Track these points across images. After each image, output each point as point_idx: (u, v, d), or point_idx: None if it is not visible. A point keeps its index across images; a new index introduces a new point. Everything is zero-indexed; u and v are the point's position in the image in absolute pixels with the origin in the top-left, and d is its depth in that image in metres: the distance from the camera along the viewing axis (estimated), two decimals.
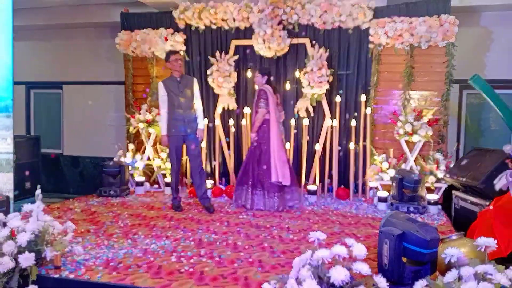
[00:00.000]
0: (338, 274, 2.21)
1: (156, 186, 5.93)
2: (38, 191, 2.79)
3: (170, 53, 4.69)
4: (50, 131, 7.61)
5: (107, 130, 7.35)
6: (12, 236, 2.70)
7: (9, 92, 4.33)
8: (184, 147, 4.82)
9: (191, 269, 2.84)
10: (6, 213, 2.92)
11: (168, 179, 5.67)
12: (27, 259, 2.56)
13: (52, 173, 7.32)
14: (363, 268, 2.26)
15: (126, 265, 2.87)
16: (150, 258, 3.03)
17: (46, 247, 2.71)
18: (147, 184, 5.80)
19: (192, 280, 2.66)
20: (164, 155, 5.85)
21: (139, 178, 5.69)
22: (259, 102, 4.66)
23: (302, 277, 2.29)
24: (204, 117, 5.14)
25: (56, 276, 2.67)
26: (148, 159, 5.92)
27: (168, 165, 5.80)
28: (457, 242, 2.71)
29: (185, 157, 5.39)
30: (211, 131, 5.91)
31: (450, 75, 5.29)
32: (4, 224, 2.80)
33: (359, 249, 2.31)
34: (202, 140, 4.49)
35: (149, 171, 5.95)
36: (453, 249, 2.29)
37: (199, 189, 4.66)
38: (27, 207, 2.79)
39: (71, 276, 2.67)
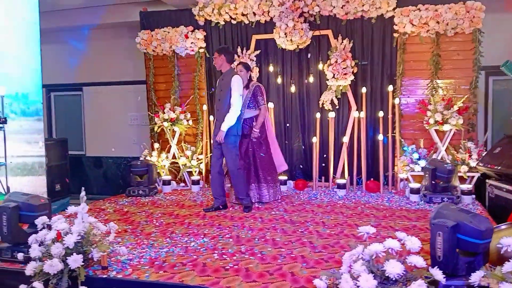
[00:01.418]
0: (394, 268, 2.18)
1: (182, 184, 5.94)
2: (83, 193, 2.79)
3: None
4: (72, 133, 7.67)
5: (128, 130, 7.39)
6: (57, 238, 2.71)
7: (38, 96, 4.38)
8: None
9: (235, 266, 2.82)
10: (48, 216, 2.92)
11: (195, 177, 5.68)
12: (75, 261, 2.57)
13: (76, 174, 7.39)
14: (418, 261, 2.22)
15: (171, 264, 2.86)
16: (193, 256, 3.02)
17: (92, 248, 2.72)
18: (173, 183, 5.80)
19: (239, 277, 2.64)
20: (189, 153, 5.85)
21: (166, 177, 5.70)
22: (260, 99, 4.67)
23: (356, 272, 2.26)
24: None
25: (105, 276, 2.67)
26: (174, 157, 5.93)
27: (194, 162, 5.82)
28: (508, 231, 2.66)
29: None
30: None
31: (478, 62, 5.19)
32: (49, 227, 2.81)
33: (413, 242, 2.28)
34: (219, 141, 4.35)
35: (175, 170, 5.96)
36: (510, 239, 2.24)
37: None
38: (71, 209, 2.79)
39: (119, 276, 2.68)
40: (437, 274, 2.20)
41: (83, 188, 2.83)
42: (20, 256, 2.85)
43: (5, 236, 2.96)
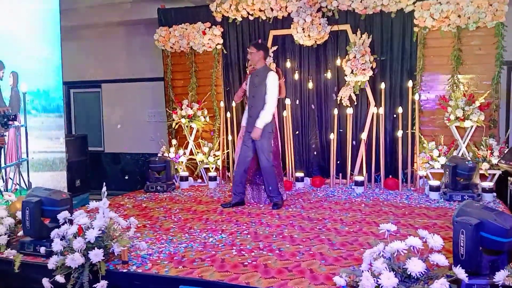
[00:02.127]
0: (415, 266, 2.15)
1: (199, 180, 5.97)
2: (104, 189, 2.83)
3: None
4: (91, 129, 7.77)
5: (146, 127, 7.46)
6: (79, 233, 2.75)
7: (59, 93, 4.45)
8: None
9: (254, 262, 2.82)
10: (70, 211, 2.97)
11: (212, 173, 5.70)
12: (96, 255, 2.61)
13: (95, 170, 7.50)
14: (440, 259, 2.19)
15: (190, 259, 2.88)
16: (212, 252, 3.03)
17: (113, 243, 2.75)
18: (190, 179, 5.83)
19: (258, 273, 2.64)
20: (206, 149, 5.88)
21: (183, 173, 5.74)
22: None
23: (377, 270, 2.23)
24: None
25: (125, 271, 2.70)
26: (191, 153, 5.96)
27: (211, 159, 5.84)
28: None
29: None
30: None
31: (500, 56, 5.07)
32: (71, 222, 2.86)
33: (436, 241, 2.24)
34: (255, 139, 4.35)
35: (192, 166, 5.99)
36: None
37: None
38: (92, 204, 2.83)
39: (139, 270, 2.70)
40: (460, 272, 2.16)
41: (104, 183, 2.86)
42: (42, 250, 2.91)
43: (28, 230, 3.02)
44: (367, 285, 2.18)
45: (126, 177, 7.47)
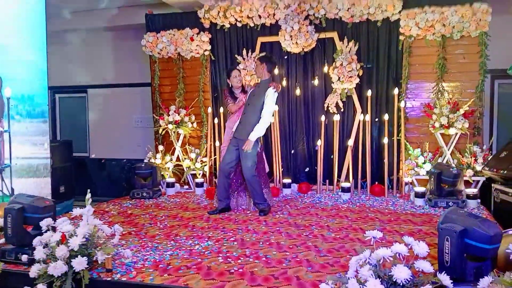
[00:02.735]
0: (401, 273, 2.16)
1: (186, 186, 5.93)
2: (88, 195, 2.79)
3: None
4: (76, 135, 7.68)
5: (132, 133, 7.40)
6: (62, 241, 2.70)
7: (44, 98, 4.38)
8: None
9: (240, 270, 2.80)
10: (53, 218, 2.92)
11: (199, 179, 5.68)
12: (80, 263, 2.56)
13: (80, 176, 7.40)
14: (426, 266, 2.20)
15: (175, 267, 2.85)
16: (198, 259, 3.00)
17: (97, 250, 2.70)
18: (177, 185, 5.79)
19: (245, 280, 2.63)
20: (193, 155, 5.85)
21: (170, 179, 5.70)
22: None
23: (363, 277, 2.23)
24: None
25: (109, 279, 2.66)
26: (178, 159, 5.93)
27: (198, 165, 5.82)
28: None
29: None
30: None
31: (484, 65, 5.16)
32: (54, 229, 2.81)
33: (421, 247, 2.25)
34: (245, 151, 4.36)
35: (178, 172, 5.95)
36: None
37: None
38: (76, 211, 2.79)
39: (123, 278, 2.66)
40: (445, 279, 2.18)
41: (88, 190, 2.82)
42: (24, 258, 2.85)
43: (10, 238, 2.96)
44: None
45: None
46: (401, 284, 2.17)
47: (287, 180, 5.52)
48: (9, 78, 4.24)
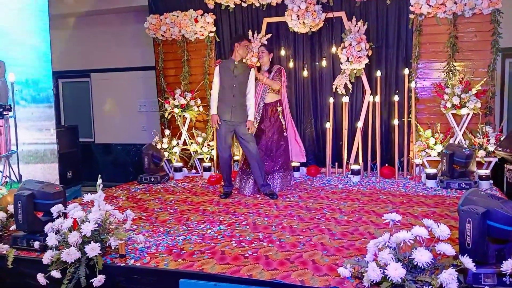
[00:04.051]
0: (422, 256, 2.11)
1: (194, 171, 5.89)
2: (99, 181, 2.74)
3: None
4: (81, 120, 7.61)
5: (137, 117, 7.33)
6: (74, 227, 2.66)
7: (48, 82, 4.31)
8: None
9: (255, 254, 2.77)
10: (64, 204, 2.88)
11: (207, 163, 5.63)
12: (93, 249, 2.53)
13: (86, 161, 7.36)
14: (447, 249, 2.15)
15: (189, 252, 2.81)
16: (211, 244, 2.97)
17: (110, 236, 2.67)
18: (185, 170, 5.75)
19: (260, 265, 2.59)
20: (200, 139, 5.79)
21: (177, 163, 5.65)
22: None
23: (382, 260, 2.19)
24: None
25: (123, 264, 2.63)
26: (184, 144, 5.87)
27: (205, 149, 5.76)
28: None
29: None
30: None
31: (496, 43, 5.04)
32: (65, 215, 2.77)
33: (442, 230, 2.20)
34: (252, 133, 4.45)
35: (185, 156, 5.90)
36: None
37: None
38: (88, 197, 2.74)
39: (137, 264, 2.63)
40: (468, 262, 2.13)
41: (99, 175, 2.77)
42: (36, 244, 2.82)
43: (21, 225, 2.92)
44: (374, 276, 2.14)
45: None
46: (421, 267, 2.14)
47: (295, 163, 5.46)
48: (13, 63, 4.16)
